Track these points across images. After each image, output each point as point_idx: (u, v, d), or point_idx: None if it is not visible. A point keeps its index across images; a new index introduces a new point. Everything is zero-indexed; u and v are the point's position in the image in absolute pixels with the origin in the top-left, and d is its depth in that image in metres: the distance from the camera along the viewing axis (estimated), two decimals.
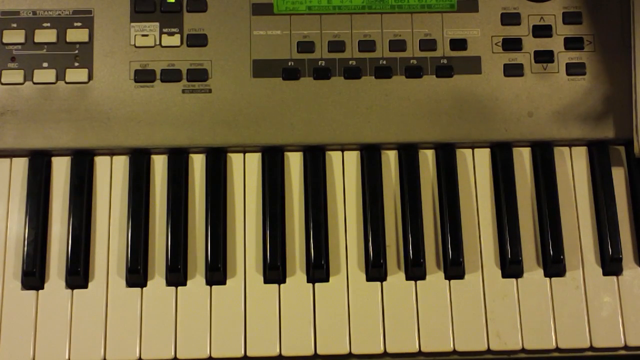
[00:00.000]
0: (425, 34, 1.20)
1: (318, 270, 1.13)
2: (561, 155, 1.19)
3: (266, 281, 1.13)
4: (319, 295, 1.13)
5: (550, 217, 1.15)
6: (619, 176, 1.18)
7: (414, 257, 1.13)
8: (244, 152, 1.18)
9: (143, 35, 1.19)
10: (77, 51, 1.18)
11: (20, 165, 1.16)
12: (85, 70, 1.17)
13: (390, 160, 1.18)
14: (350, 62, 1.19)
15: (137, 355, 1.10)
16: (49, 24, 1.18)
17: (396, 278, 1.14)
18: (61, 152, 1.17)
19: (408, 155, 1.17)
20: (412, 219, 1.14)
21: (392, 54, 1.19)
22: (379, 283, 1.13)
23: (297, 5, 1.20)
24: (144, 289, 1.13)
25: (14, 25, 1.18)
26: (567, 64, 1.19)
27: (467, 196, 1.17)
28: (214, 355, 1.10)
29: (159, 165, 1.17)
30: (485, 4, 1.21)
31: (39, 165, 1.15)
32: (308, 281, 1.13)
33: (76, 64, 1.18)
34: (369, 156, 1.17)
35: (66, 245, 1.13)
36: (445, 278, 1.14)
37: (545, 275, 1.14)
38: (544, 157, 1.17)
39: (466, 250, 1.14)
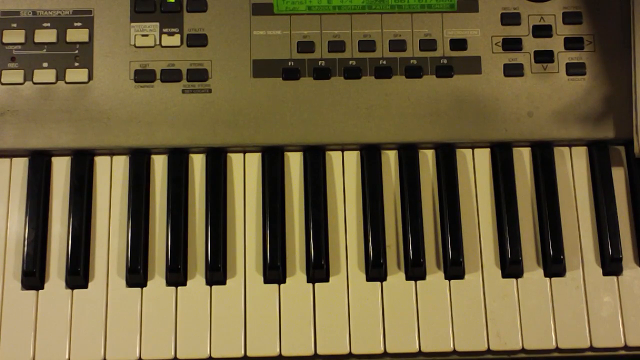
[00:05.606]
0: (425, 34, 1.20)
1: (318, 270, 1.13)
2: (561, 155, 1.19)
3: (266, 281, 1.13)
4: (319, 295, 1.13)
5: (550, 217, 1.15)
6: (619, 176, 1.18)
7: (414, 257, 1.13)
8: (244, 152, 1.18)
9: (143, 35, 1.19)
10: (77, 51, 1.18)
11: (20, 165, 1.16)
12: (85, 70, 1.17)
13: (390, 160, 1.18)
14: (350, 62, 1.19)
15: (137, 355, 1.10)
16: (49, 24, 1.18)
17: (396, 278, 1.14)
18: (61, 152, 1.17)
19: (408, 155, 1.17)
20: (412, 219, 1.14)
21: (392, 54, 1.19)
22: (379, 283, 1.13)
23: (297, 5, 1.20)
24: (144, 289, 1.13)
25: (14, 25, 1.18)
26: (567, 64, 1.19)
27: (467, 196, 1.17)
28: (214, 355, 1.10)
29: (159, 165, 1.17)
30: (485, 4, 1.21)
31: (39, 165, 1.15)
32: (308, 281, 1.13)
33: (76, 64, 1.18)
34: (369, 156, 1.17)
35: (66, 245, 1.13)
36: (445, 278, 1.14)
37: (545, 275, 1.14)
38: (544, 157, 1.17)
39: (466, 250, 1.14)
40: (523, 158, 1.18)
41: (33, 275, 1.12)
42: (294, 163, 1.18)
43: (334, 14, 1.20)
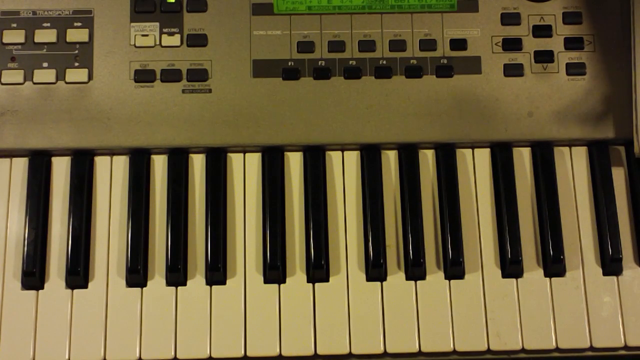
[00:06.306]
0: (425, 34, 1.20)
1: (318, 270, 1.13)
2: (561, 155, 1.19)
3: (266, 281, 1.13)
4: (319, 295, 1.13)
5: (550, 217, 1.15)
6: (619, 176, 1.18)
7: (414, 257, 1.13)
8: (244, 152, 1.18)
9: (143, 35, 1.19)
10: (77, 51, 1.18)
11: (20, 165, 1.16)
12: (85, 70, 1.17)
13: (390, 160, 1.18)
14: (350, 62, 1.19)
15: (137, 355, 1.10)
16: (49, 24, 1.18)
17: (396, 278, 1.14)
18: (61, 152, 1.17)
19: (408, 155, 1.17)
20: (412, 219, 1.14)
21: (392, 54, 1.19)
22: (379, 283, 1.13)
23: (297, 5, 1.20)
24: (144, 289, 1.13)
25: (14, 25, 1.18)
26: (567, 64, 1.19)
27: (467, 196, 1.17)
28: (214, 355, 1.10)
29: (159, 165, 1.17)
30: (485, 4, 1.21)
31: (39, 165, 1.15)
32: (308, 281, 1.13)
33: (76, 64, 1.18)
34: (369, 156, 1.17)
35: (66, 245, 1.13)
36: (445, 278, 1.14)
37: (545, 275, 1.14)
38: (544, 157, 1.17)
39: (466, 250, 1.14)
40: (523, 158, 1.18)
41: (33, 275, 1.12)
42: (294, 163, 1.18)
43: (334, 14, 1.20)
